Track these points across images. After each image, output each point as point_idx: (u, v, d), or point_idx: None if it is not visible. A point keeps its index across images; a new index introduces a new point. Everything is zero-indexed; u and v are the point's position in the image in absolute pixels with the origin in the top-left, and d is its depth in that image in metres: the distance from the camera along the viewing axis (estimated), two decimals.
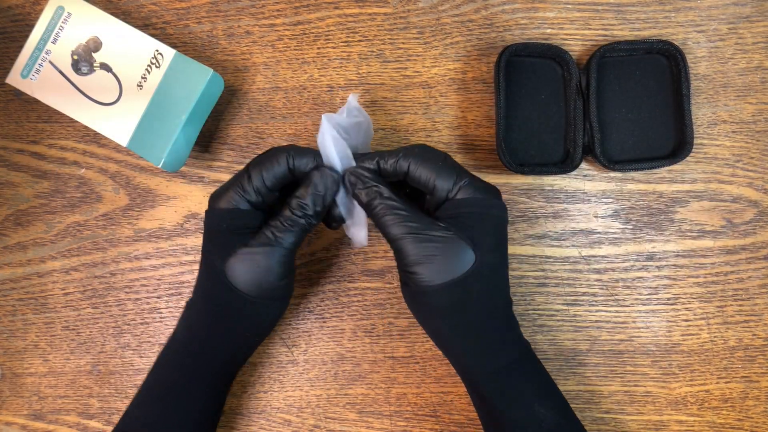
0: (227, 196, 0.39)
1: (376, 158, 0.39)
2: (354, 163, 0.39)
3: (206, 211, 0.40)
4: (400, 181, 0.40)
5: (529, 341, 0.40)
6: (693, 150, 0.47)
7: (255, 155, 0.48)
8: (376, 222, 0.38)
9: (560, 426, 0.38)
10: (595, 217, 0.48)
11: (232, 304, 0.39)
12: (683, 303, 0.48)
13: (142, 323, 0.49)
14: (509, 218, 0.42)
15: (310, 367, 0.49)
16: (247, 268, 0.38)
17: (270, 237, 0.38)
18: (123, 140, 0.44)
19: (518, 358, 0.39)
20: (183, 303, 0.49)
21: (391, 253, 0.48)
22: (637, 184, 0.48)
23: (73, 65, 0.45)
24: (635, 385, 0.48)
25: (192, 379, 0.41)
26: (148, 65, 0.44)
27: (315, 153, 0.39)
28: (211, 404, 0.42)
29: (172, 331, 0.42)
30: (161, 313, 0.49)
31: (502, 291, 0.39)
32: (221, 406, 0.44)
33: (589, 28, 0.48)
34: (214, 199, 0.40)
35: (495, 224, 0.38)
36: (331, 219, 0.41)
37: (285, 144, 0.41)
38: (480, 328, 0.38)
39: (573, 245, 0.48)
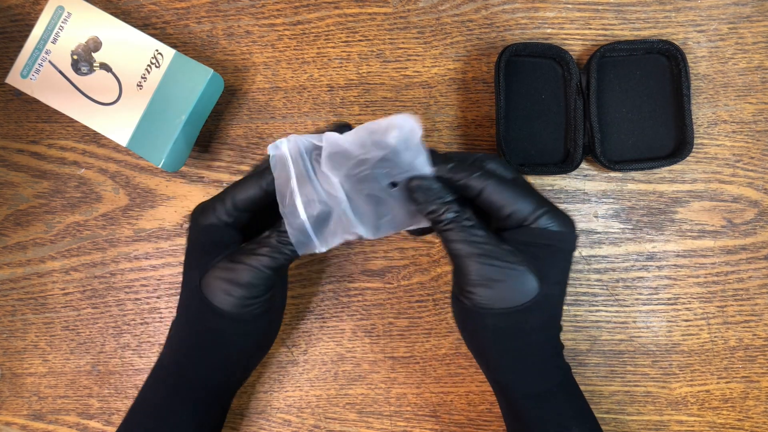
0: (207, 211, 0.38)
1: (445, 168, 0.36)
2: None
3: (188, 226, 0.40)
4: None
5: (569, 365, 0.40)
6: (693, 150, 0.47)
7: (253, 156, 0.49)
8: (441, 233, 0.37)
9: None
10: (595, 217, 0.48)
11: (210, 323, 0.38)
12: (683, 303, 0.48)
13: (141, 323, 0.49)
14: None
15: (310, 367, 0.49)
16: (218, 284, 0.37)
17: (245, 258, 0.37)
18: (123, 140, 0.44)
19: (560, 382, 0.39)
20: None
21: (391, 253, 0.48)
22: (637, 184, 0.48)
23: (73, 65, 0.45)
24: (635, 385, 0.48)
25: (177, 403, 0.39)
26: (148, 65, 0.44)
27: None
28: (203, 428, 0.41)
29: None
30: (161, 313, 0.49)
31: (557, 321, 0.39)
32: (216, 428, 0.42)
33: (590, 28, 0.48)
34: (195, 213, 0.39)
35: (564, 258, 0.38)
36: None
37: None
38: (529, 354, 0.38)
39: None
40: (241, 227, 0.39)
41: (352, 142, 0.36)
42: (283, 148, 0.36)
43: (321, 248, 0.37)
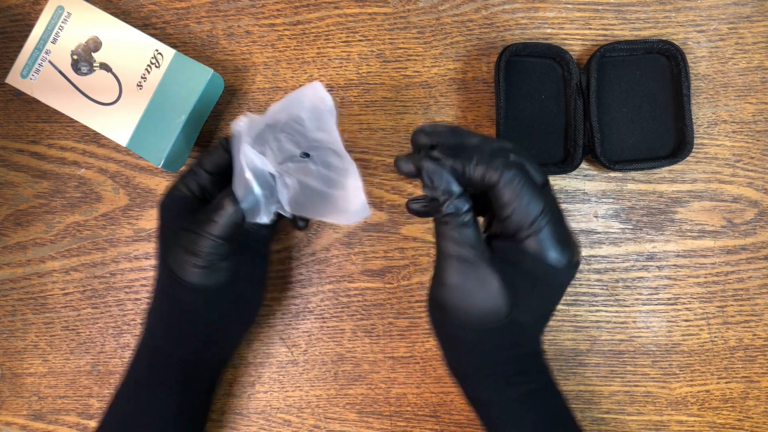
0: (176, 188, 0.40)
1: (460, 159, 0.34)
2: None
3: (158, 213, 0.41)
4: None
5: (551, 370, 0.39)
6: (693, 150, 0.47)
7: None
8: (435, 223, 0.36)
9: None
10: (595, 217, 0.48)
11: (176, 294, 0.39)
12: (683, 303, 0.48)
13: (141, 323, 0.49)
14: None
15: (310, 367, 0.49)
16: (179, 254, 0.38)
17: (197, 227, 0.38)
18: (123, 140, 0.44)
19: (534, 390, 0.37)
20: None
21: (391, 253, 0.48)
22: (637, 184, 0.48)
23: (72, 65, 0.45)
24: (635, 386, 0.48)
25: (154, 380, 0.40)
26: (148, 65, 0.44)
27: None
28: (183, 409, 0.41)
29: None
30: None
31: (530, 343, 0.37)
32: (199, 411, 0.42)
33: (589, 28, 0.48)
34: (163, 196, 0.41)
35: (550, 291, 0.36)
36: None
37: None
38: (495, 368, 0.36)
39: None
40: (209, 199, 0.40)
41: (268, 116, 0.39)
42: (237, 126, 0.38)
43: (264, 217, 0.39)
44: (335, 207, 0.38)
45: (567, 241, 0.35)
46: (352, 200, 0.38)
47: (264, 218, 0.39)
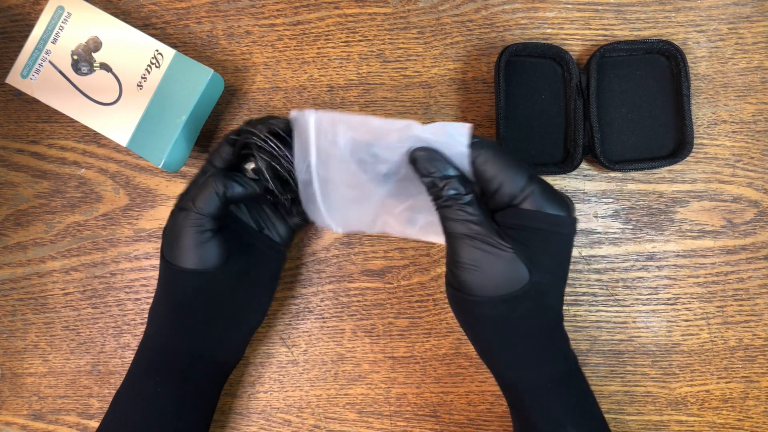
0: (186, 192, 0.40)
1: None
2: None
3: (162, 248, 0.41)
4: None
5: (575, 356, 0.39)
6: (693, 150, 0.47)
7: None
8: (438, 210, 0.36)
9: None
10: (595, 217, 0.48)
11: (172, 283, 0.40)
12: (683, 303, 0.48)
13: (141, 323, 0.49)
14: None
15: (310, 367, 0.49)
16: (171, 238, 0.39)
17: (181, 197, 0.39)
18: (123, 140, 0.44)
19: (562, 375, 0.37)
20: None
21: (391, 253, 0.48)
22: (637, 184, 0.48)
23: (73, 65, 0.45)
24: (635, 385, 0.48)
25: (151, 373, 0.40)
26: (148, 65, 0.44)
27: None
28: (181, 405, 0.41)
29: None
30: None
31: (553, 309, 0.37)
32: (199, 409, 0.42)
33: (589, 28, 0.48)
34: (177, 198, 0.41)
35: (560, 244, 0.36)
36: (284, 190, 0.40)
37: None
38: (524, 344, 0.37)
39: (573, 245, 0.48)
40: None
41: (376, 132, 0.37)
42: (309, 122, 0.37)
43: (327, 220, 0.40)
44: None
45: (560, 195, 0.36)
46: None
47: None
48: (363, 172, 0.38)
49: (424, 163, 0.36)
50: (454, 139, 0.35)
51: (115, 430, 0.40)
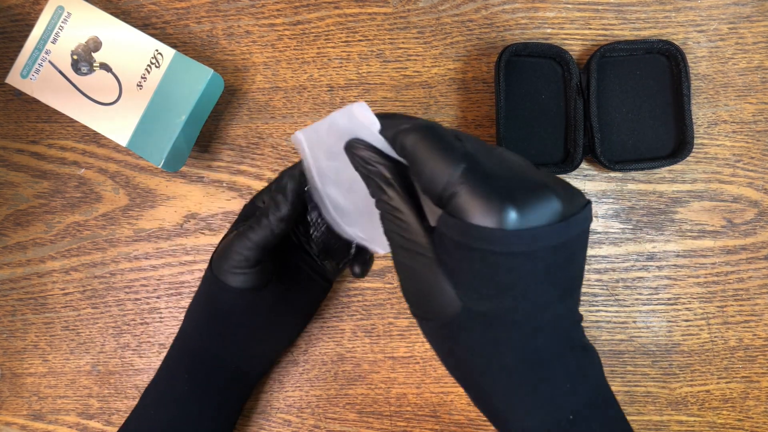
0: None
1: (392, 128, 0.29)
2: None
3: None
4: None
5: (607, 384, 0.30)
6: (693, 150, 0.47)
7: (253, 156, 0.49)
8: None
9: None
10: (595, 217, 0.48)
11: (213, 295, 0.40)
12: (683, 303, 0.48)
13: (141, 323, 0.49)
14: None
15: (310, 367, 0.49)
16: (219, 257, 0.40)
17: (242, 230, 0.39)
18: (123, 140, 0.44)
19: (582, 407, 0.28)
20: (183, 303, 0.49)
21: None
22: (637, 184, 0.48)
23: (73, 65, 0.45)
24: (635, 385, 0.48)
25: (179, 372, 0.41)
26: (148, 65, 0.44)
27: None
28: (205, 412, 0.41)
29: (171, 331, 0.43)
30: (161, 313, 0.49)
31: (506, 344, 0.28)
32: (222, 417, 0.42)
33: (589, 28, 0.48)
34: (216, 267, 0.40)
35: (493, 263, 0.26)
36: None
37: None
38: (515, 376, 0.28)
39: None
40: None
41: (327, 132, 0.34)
42: (301, 141, 0.35)
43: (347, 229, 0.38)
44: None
45: (500, 193, 0.26)
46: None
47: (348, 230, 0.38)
48: (345, 177, 0.35)
49: (351, 159, 0.30)
50: (362, 122, 0.30)
51: (138, 420, 0.41)
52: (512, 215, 0.25)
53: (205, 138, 0.49)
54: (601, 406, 0.29)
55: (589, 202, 0.28)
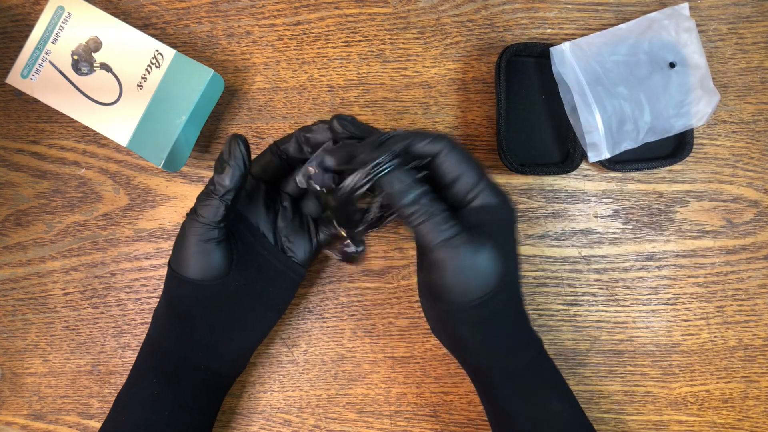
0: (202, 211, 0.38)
1: (408, 139, 0.35)
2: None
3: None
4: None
5: (540, 338, 0.39)
6: (693, 150, 0.47)
7: (255, 155, 0.49)
8: (407, 220, 0.35)
9: (577, 416, 0.39)
10: (595, 217, 0.48)
11: (176, 291, 0.40)
12: (683, 303, 0.48)
13: (142, 323, 0.49)
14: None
15: (310, 367, 0.49)
16: (176, 250, 0.39)
17: (189, 210, 0.38)
18: (123, 140, 0.44)
19: (535, 356, 0.39)
20: None
21: (391, 253, 0.48)
22: (637, 184, 0.48)
23: (73, 65, 0.45)
24: (635, 385, 0.48)
25: (148, 377, 0.41)
26: (148, 65, 0.44)
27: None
28: (177, 415, 0.40)
29: None
30: None
31: (518, 293, 0.38)
32: (195, 421, 0.42)
33: (590, 28, 0.48)
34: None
35: (512, 229, 0.37)
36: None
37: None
38: (503, 333, 0.37)
39: (573, 245, 0.48)
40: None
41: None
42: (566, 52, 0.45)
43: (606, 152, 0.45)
44: None
45: (498, 186, 0.37)
46: None
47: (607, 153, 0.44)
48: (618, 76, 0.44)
49: (389, 184, 0.35)
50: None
51: (113, 427, 0.40)
52: (513, 201, 0.38)
53: (205, 138, 0.49)
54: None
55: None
